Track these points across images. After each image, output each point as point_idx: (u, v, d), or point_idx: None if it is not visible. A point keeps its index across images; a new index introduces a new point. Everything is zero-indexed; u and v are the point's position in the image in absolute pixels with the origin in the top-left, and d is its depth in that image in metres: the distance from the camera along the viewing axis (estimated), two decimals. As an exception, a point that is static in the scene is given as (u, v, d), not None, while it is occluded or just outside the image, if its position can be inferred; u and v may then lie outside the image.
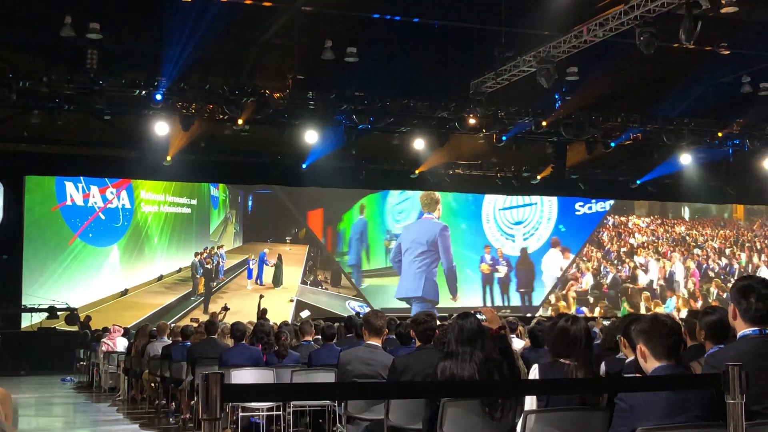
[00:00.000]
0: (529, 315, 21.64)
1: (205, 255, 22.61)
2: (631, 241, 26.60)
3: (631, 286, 25.96)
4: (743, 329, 4.17)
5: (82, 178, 21.54)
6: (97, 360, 16.14)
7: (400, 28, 18.69)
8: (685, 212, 27.43)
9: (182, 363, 10.86)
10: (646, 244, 26.65)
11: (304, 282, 23.46)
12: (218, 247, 22.85)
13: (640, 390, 3.96)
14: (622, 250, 26.40)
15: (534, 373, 4.97)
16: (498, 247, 25.16)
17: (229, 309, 18.26)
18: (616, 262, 26.18)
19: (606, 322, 12.39)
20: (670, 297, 26.03)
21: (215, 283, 22.54)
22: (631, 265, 26.23)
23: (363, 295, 23.65)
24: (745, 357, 3.80)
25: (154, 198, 22.39)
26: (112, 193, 21.85)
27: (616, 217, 26.70)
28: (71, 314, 20.31)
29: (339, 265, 23.96)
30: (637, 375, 4.43)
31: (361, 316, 10.36)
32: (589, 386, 4.53)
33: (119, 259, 21.84)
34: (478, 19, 17.96)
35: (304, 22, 18.31)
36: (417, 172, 23.72)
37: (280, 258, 23.20)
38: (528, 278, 25.21)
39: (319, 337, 10.07)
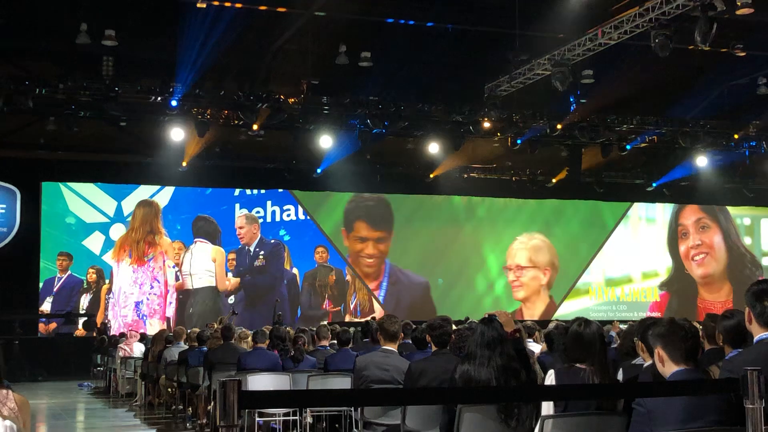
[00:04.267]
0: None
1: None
2: None
3: None
4: (759, 333, 4.15)
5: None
6: (114, 365, 16.19)
7: (414, 32, 18.69)
8: None
9: (199, 368, 10.89)
10: None
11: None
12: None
13: (657, 395, 3.94)
14: None
15: (550, 378, 4.96)
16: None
17: (237, 313, 18.32)
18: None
19: (623, 326, 12.33)
20: None
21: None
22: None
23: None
24: (763, 361, 3.78)
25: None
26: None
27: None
28: (88, 320, 20.41)
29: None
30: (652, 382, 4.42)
31: (376, 321, 10.36)
32: (606, 392, 4.52)
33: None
34: (492, 23, 17.92)
35: (318, 27, 18.35)
36: (432, 176, 23.70)
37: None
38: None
39: (335, 341, 10.08)
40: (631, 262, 26.31)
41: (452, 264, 24.50)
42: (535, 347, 8.95)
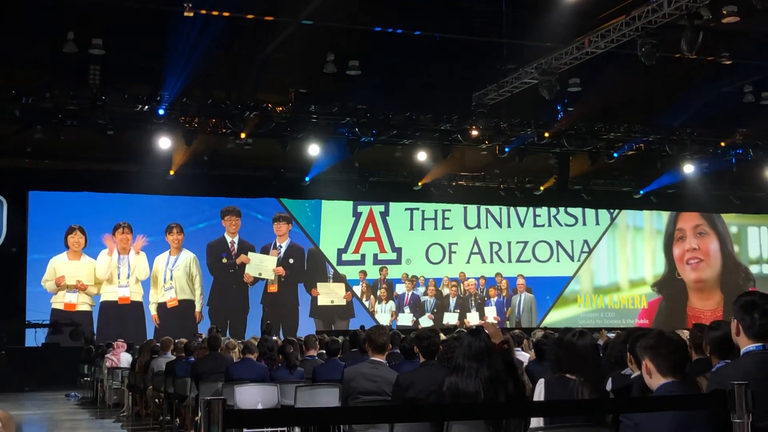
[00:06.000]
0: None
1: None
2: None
3: None
4: (746, 345, 4.15)
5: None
6: (102, 376, 16.11)
7: (402, 41, 18.70)
8: None
9: (186, 379, 10.84)
10: None
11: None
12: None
13: (644, 410, 3.93)
14: None
15: (540, 388, 4.95)
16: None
17: (220, 331, 18.27)
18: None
19: (611, 335, 12.34)
20: None
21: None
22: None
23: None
24: (750, 373, 3.78)
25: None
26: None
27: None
28: (75, 330, 20.29)
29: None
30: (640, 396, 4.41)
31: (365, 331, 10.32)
32: (594, 407, 4.51)
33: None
34: (480, 32, 17.97)
35: (305, 35, 18.33)
36: (420, 184, 23.71)
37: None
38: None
39: (324, 351, 10.04)
40: (618, 269, 26.36)
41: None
42: (524, 356, 8.95)
